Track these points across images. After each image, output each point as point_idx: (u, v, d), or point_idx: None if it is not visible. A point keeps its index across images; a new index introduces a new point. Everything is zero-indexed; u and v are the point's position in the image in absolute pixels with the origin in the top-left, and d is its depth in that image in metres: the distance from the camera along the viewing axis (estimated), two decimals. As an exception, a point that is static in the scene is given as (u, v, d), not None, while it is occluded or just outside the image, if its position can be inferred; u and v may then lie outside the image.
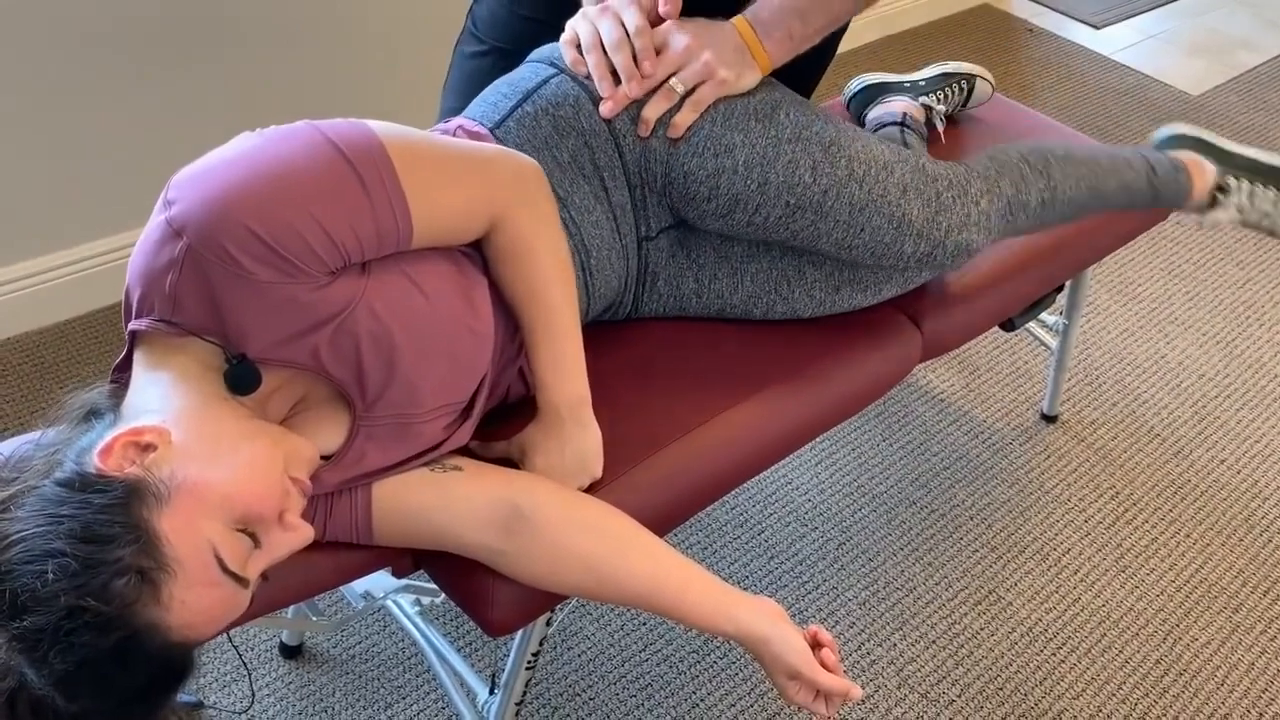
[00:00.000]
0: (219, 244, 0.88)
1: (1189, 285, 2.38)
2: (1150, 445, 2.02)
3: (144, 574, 0.81)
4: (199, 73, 1.98)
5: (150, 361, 0.94)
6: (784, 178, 1.18)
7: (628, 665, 1.62)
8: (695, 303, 1.31)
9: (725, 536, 1.80)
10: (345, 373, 0.98)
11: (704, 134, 1.17)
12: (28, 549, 0.80)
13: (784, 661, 1.03)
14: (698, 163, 1.18)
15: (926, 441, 1.99)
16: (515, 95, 1.19)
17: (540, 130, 1.17)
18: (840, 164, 1.20)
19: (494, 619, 1.09)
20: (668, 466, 1.18)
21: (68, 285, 2.02)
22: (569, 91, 1.18)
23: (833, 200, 1.20)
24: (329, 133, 0.94)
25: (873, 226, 1.22)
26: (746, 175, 1.18)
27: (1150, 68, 3.14)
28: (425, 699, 1.55)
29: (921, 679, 1.63)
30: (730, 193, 1.18)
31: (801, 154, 1.19)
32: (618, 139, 1.18)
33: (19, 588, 0.79)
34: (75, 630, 0.78)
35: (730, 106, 1.18)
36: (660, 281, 1.29)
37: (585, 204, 1.18)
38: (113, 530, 0.81)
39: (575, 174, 1.18)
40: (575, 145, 1.17)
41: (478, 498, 1.05)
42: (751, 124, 1.18)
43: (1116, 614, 1.74)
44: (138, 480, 0.83)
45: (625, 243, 1.23)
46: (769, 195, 1.19)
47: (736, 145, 1.17)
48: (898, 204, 1.22)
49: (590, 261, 1.19)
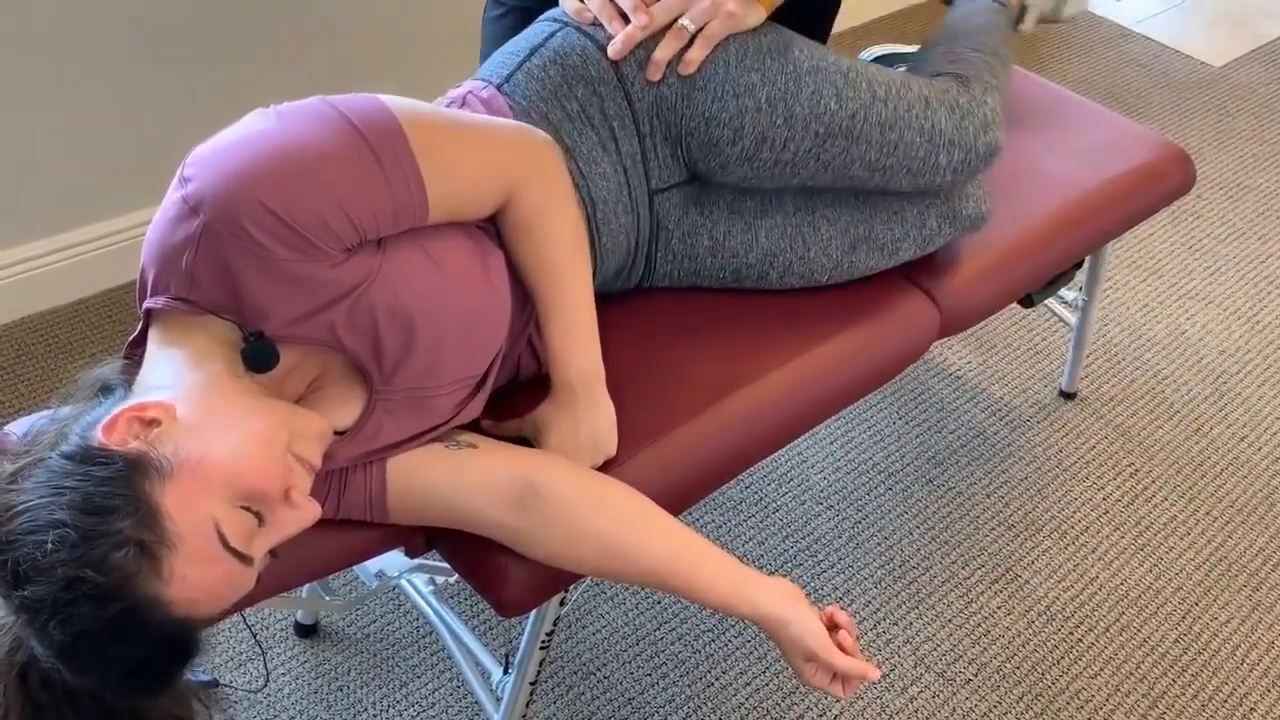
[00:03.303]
0: (236, 221, 0.88)
1: (1209, 260, 2.35)
2: (1170, 422, 2.00)
3: (144, 547, 0.80)
4: (217, 51, 1.97)
5: (165, 339, 0.93)
6: (809, 109, 1.18)
7: (643, 644, 1.61)
8: (710, 262, 1.29)
9: (740, 515, 1.79)
10: (362, 347, 0.97)
11: (720, 77, 1.16)
12: (31, 519, 0.80)
13: (800, 643, 1.03)
14: (719, 106, 1.17)
15: (943, 419, 1.97)
16: (521, 52, 1.18)
17: (550, 81, 1.16)
18: (862, 86, 1.21)
19: (507, 599, 1.08)
20: (682, 445, 1.17)
21: (80, 264, 2.02)
22: (576, 42, 1.17)
23: (861, 122, 1.20)
24: (344, 108, 0.94)
25: (905, 142, 1.23)
26: (771, 111, 1.17)
27: (1172, 39, 3.09)
28: (440, 678, 1.55)
29: (938, 658, 1.62)
30: (755, 131, 1.18)
31: (823, 83, 1.19)
32: (626, 86, 1.17)
33: (20, 557, 0.79)
34: (74, 601, 0.79)
35: (743, 47, 1.17)
36: (674, 240, 1.27)
37: (593, 154, 1.17)
38: (113, 502, 0.81)
39: (584, 124, 1.17)
40: (584, 94, 1.16)
41: (492, 475, 1.04)
42: (767, 62, 1.17)
43: (1135, 593, 1.72)
44: (140, 454, 0.83)
45: (635, 195, 1.21)
46: (796, 128, 1.18)
47: (756, 84, 1.16)
48: (924, 115, 1.24)
49: (597, 214, 1.18)
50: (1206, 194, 2.52)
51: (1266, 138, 2.73)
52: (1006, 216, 1.48)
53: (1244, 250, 2.38)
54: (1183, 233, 2.42)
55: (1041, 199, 1.54)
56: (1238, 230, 2.43)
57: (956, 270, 1.42)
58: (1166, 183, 1.65)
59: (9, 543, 0.80)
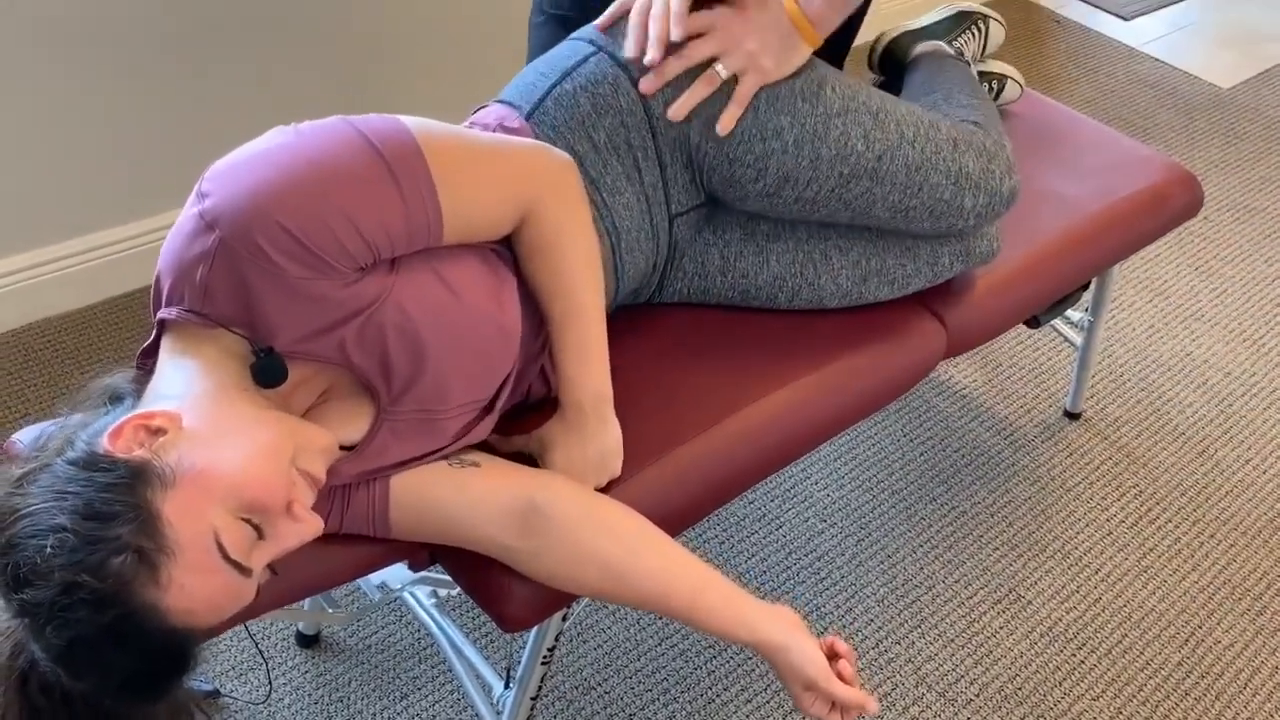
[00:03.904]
0: (251, 238, 0.88)
1: (1216, 282, 2.35)
2: (1174, 444, 1.99)
3: (142, 554, 0.81)
4: (237, 60, 1.98)
5: (177, 349, 0.94)
6: (836, 150, 1.18)
7: (644, 660, 1.61)
8: (720, 281, 1.29)
9: (742, 531, 1.79)
10: (371, 366, 0.98)
11: (748, 121, 1.16)
12: (33, 523, 0.81)
13: (800, 671, 1.03)
14: (744, 148, 1.17)
15: (947, 437, 1.97)
16: (553, 74, 1.18)
17: (579, 109, 1.16)
18: (890, 128, 1.20)
19: (509, 615, 1.08)
20: (686, 462, 1.17)
21: (87, 271, 2.02)
22: (607, 70, 1.16)
23: (888, 164, 1.20)
24: (363, 128, 0.95)
25: (931, 184, 1.23)
26: (797, 153, 1.17)
27: (1180, 60, 3.10)
28: (440, 690, 1.54)
29: (940, 678, 1.62)
30: (780, 172, 1.18)
31: (852, 125, 1.18)
32: (653, 119, 1.17)
33: (21, 560, 0.80)
34: (72, 605, 0.79)
35: (775, 90, 1.17)
36: (686, 259, 1.28)
37: (617, 185, 1.17)
38: (114, 508, 0.81)
39: (609, 155, 1.17)
40: (612, 124, 1.16)
41: (495, 495, 1.04)
42: (799, 104, 1.17)
43: (1138, 615, 1.72)
44: (143, 462, 0.84)
45: (655, 221, 1.22)
46: (821, 170, 1.18)
47: (785, 127, 1.16)
48: (952, 158, 1.24)
49: (621, 244, 1.18)
50: (1213, 215, 2.52)
51: (1274, 160, 2.73)
52: (1013, 238, 1.48)
53: (1251, 272, 2.38)
54: (1189, 254, 2.42)
55: (1048, 221, 1.54)
56: (1244, 252, 2.43)
57: (963, 291, 1.43)
58: (1173, 206, 1.65)
59: (11, 546, 0.80)
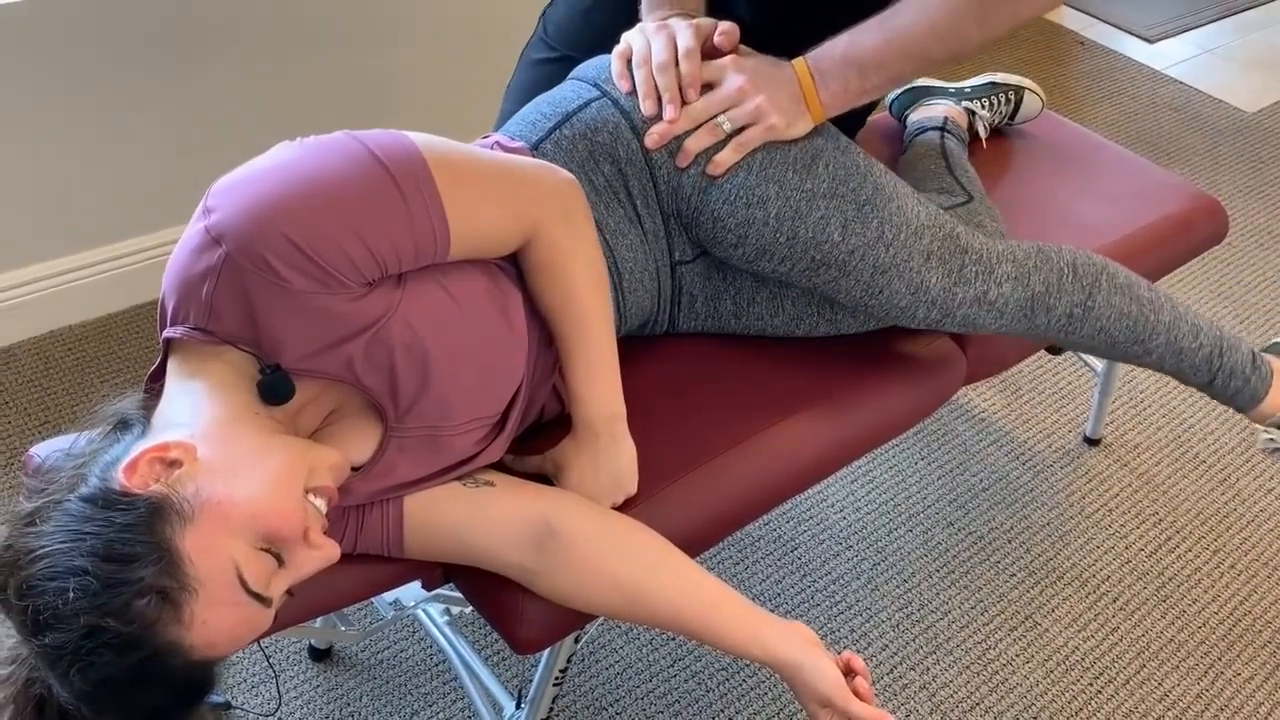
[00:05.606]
0: (257, 253, 0.88)
1: (1238, 308, 2.33)
2: (1195, 471, 1.98)
3: (165, 594, 0.80)
4: (243, 73, 1.99)
5: (184, 370, 0.93)
6: (813, 234, 1.16)
7: (656, 681, 1.60)
8: (735, 324, 1.30)
9: (757, 553, 1.78)
10: (378, 383, 0.97)
11: (738, 182, 1.15)
12: (51, 565, 0.80)
13: (816, 689, 1.02)
14: (728, 210, 1.16)
15: (966, 462, 1.96)
16: (555, 116, 1.17)
17: (577, 154, 1.15)
18: (871, 225, 1.18)
19: (523, 637, 1.08)
20: (702, 486, 1.17)
21: (108, 280, 2.03)
22: (609, 117, 1.16)
23: (857, 261, 1.18)
24: (369, 143, 0.94)
25: (891, 289, 1.21)
26: (776, 228, 1.16)
27: (1204, 84, 3.08)
28: (451, 708, 1.54)
29: (954, 705, 1.60)
30: (758, 243, 1.17)
31: (834, 211, 1.17)
32: (653, 169, 1.16)
33: (41, 605, 0.79)
34: (96, 649, 0.79)
35: (769, 156, 1.16)
36: (698, 302, 1.28)
37: (620, 227, 1.17)
38: (135, 549, 0.80)
39: (610, 198, 1.17)
40: (610, 171, 1.16)
41: (510, 515, 1.04)
42: (789, 175, 1.16)
43: (1156, 645, 1.70)
44: (162, 498, 0.83)
45: (659, 265, 1.22)
46: (796, 249, 1.17)
47: (770, 197, 1.15)
48: (919, 270, 1.20)
49: (624, 282, 1.18)
50: (1237, 241, 2.50)
51: (1299, 186, 2.71)
52: (1035, 263, 1.46)
53: (1275, 300, 2.36)
54: (1212, 280, 2.40)
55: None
56: (1268, 279, 2.41)
57: (983, 316, 1.41)
58: (1198, 234, 1.64)
59: (30, 589, 0.80)
